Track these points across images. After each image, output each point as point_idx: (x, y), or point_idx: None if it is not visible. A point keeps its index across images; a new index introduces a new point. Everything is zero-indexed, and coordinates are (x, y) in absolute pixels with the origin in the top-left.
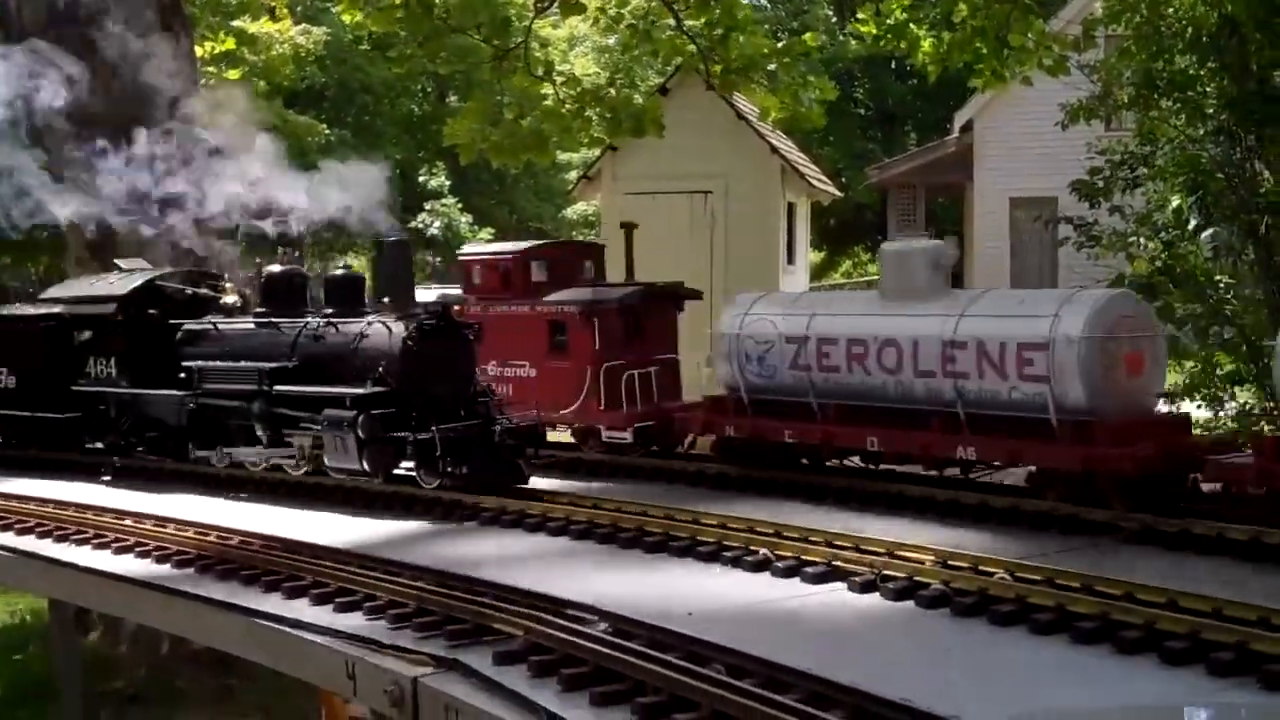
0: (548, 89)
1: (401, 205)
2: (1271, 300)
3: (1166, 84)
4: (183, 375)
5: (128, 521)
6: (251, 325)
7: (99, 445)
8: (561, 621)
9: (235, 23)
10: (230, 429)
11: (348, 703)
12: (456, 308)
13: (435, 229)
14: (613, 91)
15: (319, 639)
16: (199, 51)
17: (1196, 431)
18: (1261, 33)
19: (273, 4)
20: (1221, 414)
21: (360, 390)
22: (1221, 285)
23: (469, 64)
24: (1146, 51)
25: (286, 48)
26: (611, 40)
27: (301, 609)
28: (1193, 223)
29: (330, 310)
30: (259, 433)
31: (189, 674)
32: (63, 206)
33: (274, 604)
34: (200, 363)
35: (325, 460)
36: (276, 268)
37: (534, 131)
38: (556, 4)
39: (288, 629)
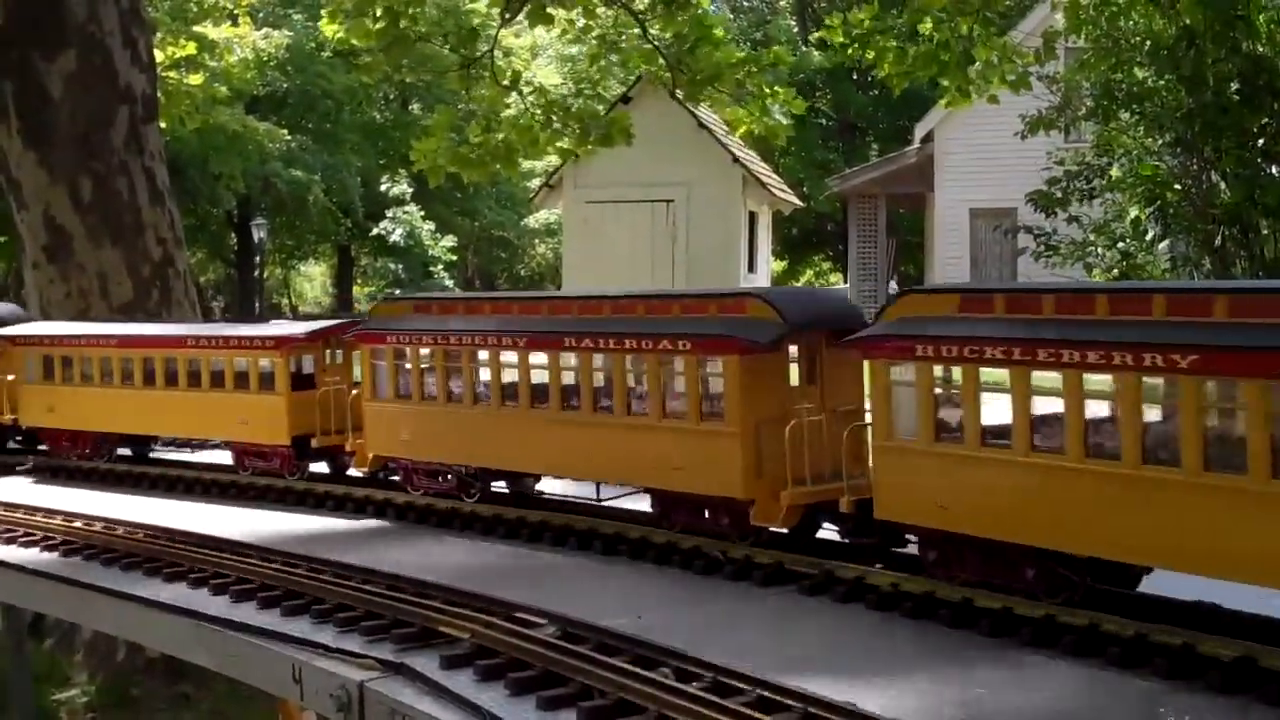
0: (514, 99)
1: (363, 213)
2: None
3: (1125, 95)
4: None
5: (77, 524)
6: None
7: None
8: (508, 625)
9: (196, 28)
10: None
11: (304, 710)
12: None
13: (397, 236)
14: (580, 102)
15: (266, 643)
16: (159, 56)
17: None
18: (1218, 45)
19: (235, 10)
20: None
21: None
22: None
23: (433, 73)
24: (1105, 63)
25: (248, 52)
26: (577, 50)
27: (249, 612)
28: (1151, 233)
29: None
30: None
31: (144, 682)
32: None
33: (221, 607)
34: None
35: None
36: None
37: (503, 143)
38: (524, 13)
39: (234, 632)
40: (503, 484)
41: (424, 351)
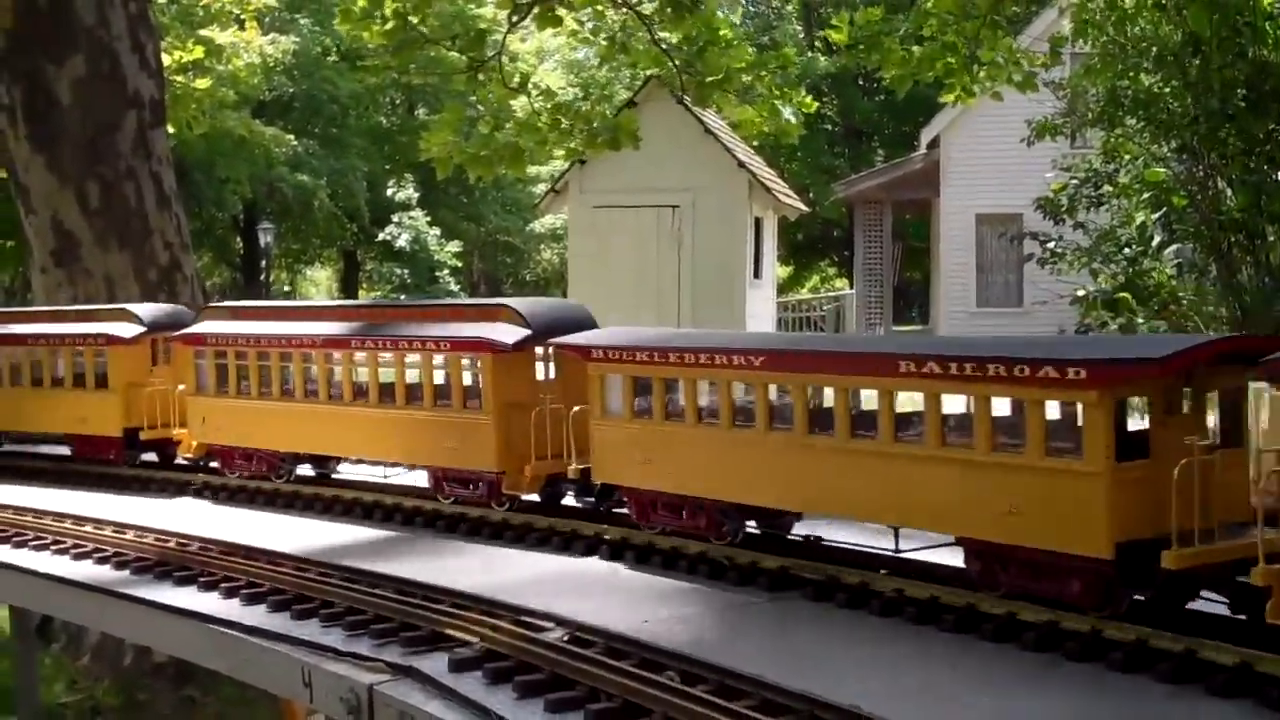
0: (522, 100)
1: (369, 218)
2: (1234, 318)
3: (1131, 101)
4: None
5: (87, 527)
6: None
7: None
8: (517, 629)
9: (203, 32)
10: None
11: (313, 713)
12: None
13: (403, 241)
14: (587, 105)
15: (275, 646)
16: (166, 60)
17: None
18: (1224, 51)
19: (242, 15)
20: None
21: None
22: (1185, 302)
23: (440, 75)
24: (1112, 69)
25: (255, 56)
26: (583, 54)
27: (259, 615)
28: (1157, 239)
29: None
30: None
31: (151, 686)
32: None
33: (231, 610)
34: None
35: None
36: None
37: (509, 143)
38: (533, 16)
39: (244, 635)
40: None
41: None
